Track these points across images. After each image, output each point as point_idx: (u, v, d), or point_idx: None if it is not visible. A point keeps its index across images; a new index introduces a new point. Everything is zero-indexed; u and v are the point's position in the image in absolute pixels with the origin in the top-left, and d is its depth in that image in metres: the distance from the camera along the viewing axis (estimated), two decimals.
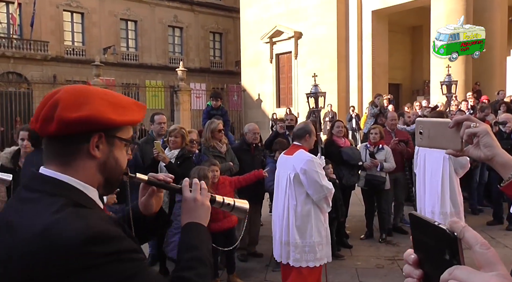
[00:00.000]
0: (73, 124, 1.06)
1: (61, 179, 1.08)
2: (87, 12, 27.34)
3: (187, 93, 18.68)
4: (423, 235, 0.66)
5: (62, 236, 0.94)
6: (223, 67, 33.05)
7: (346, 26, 20.03)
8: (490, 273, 0.57)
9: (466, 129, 1.13)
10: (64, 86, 1.16)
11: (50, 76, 24.26)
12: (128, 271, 0.99)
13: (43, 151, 1.14)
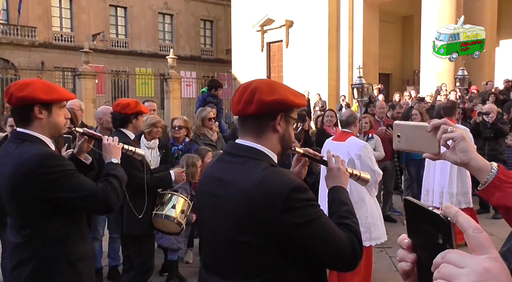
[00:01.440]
0: (268, 105, 1.45)
1: (257, 148, 1.49)
2: None
3: (177, 81, 18.55)
4: (417, 220, 0.67)
5: (275, 185, 1.35)
6: (213, 55, 32.85)
7: (337, 15, 19.97)
8: (482, 256, 0.58)
9: (443, 135, 1.15)
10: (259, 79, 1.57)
11: (38, 62, 23.93)
12: (314, 214, 1.37)
13: (239, 127, 1.57)
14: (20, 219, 2.06)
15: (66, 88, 24.54)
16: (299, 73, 20.54)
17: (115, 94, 23.25)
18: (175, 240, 4.48)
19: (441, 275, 0.58)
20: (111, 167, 2.24)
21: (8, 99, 2.05)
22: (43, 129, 2.07)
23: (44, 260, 2.04)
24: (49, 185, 1.98)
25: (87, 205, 2.11)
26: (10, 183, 2.00)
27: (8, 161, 2.01)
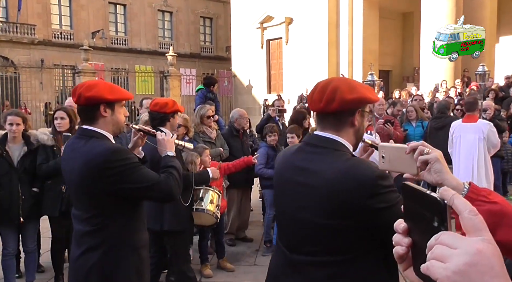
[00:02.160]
0: (349, 103, 1.58)
1: (338, 139, 1.62)
2: None
3: (177, 78, 18.55)
4: (414, 204, 0.68)
5: (362, 173, 1.49)
6: (213, 53, 32.81)
7: (337, 11, 19.95)
8: (476, 238, 0.58)
9: (419, 156, 1.24)
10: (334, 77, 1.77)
11: (37, 60, 23.92)
12: (394, 200, 1.47)
13: (319, 122, 1.69)
14: (89, 209, 2.22)
15: (66, 86, 24.58)
16: (299, 70, 20.52)
17: None
18: None
19: (434, 256, 0.59)
20: (169, 160, 2.42)
21: (76, 99, 2.22)
22: (107, 126, 2.25)
23: (111, 247, 2.21)
24: (117, 178, 2.13)
25: (151, 195, 2.29)
26: (81, 177, 2.16)
27: (78, 156, 2.18)
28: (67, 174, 2.29)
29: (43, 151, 4.03)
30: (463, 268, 0.56)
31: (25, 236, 4.21)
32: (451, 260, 0.57)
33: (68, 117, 4.16)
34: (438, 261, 0.59)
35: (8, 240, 4.11)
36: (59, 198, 4.05)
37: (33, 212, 4.07)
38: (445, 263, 0.57)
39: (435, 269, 0.58)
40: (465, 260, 0.56)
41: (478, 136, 5.60)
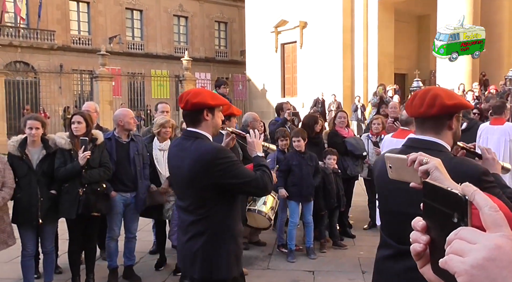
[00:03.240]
0: (448, 108, 1.78)
1: (439, 142, 1.81)
2: (93, 1, 27.31)
3: (192, 82, 18.69)
4: (434, 201, 0.68)
5: (468, 170, 1.69)
6: (228, 57, 32.97)
7: (352, 15, 19.89)
8: (496, 233, 0.59)
9: (419, 167, 1.26)
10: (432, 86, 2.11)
11: (56, 65, 24.36)
12: (497, 194, 1.54)
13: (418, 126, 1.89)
14: (195, 201, 2.53)
15: (84, 90, 24.97)
16: (314, 73, 20.50)
17: (131, 95, 23.53)
18: None
19: (453, 250, 0.60)
20: (260, 159, 2.65)
21: (183, 105, 2.54)
22: (208, 128, 2.55)
23: (214, 234, 2.49)
24: (222, 173, 2.42)
25: (249, 189, 2.61)
26: (190, 172, 2.46)
27: (186, 154, 2.50)
28: (174, 170, 2.68)
29: (60, 154, 4.12)
30: (481, 262, 0.56)
31: (43, 238, 4.31)
32: (470, 254, 0.57)
33: (84, 122, 4.25)
34: (456, 255, 0.59)
35: (27, 241, 4.22)
36: (76, 200, 4.13)
37: (51, 214, 4.16)
38: (463, 258, 0.58)
39: (453, 263, 0.59)
40: (484, 255, 0.56)
41: (505, 138, 5.81)
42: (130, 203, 4.61)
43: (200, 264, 2.49)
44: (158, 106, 5.71)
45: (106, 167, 4.23)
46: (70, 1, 26.71)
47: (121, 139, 4.52)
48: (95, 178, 4.19)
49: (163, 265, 5.11)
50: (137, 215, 4.79)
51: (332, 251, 5.68)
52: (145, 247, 5.67)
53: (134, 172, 4.50)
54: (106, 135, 4.49)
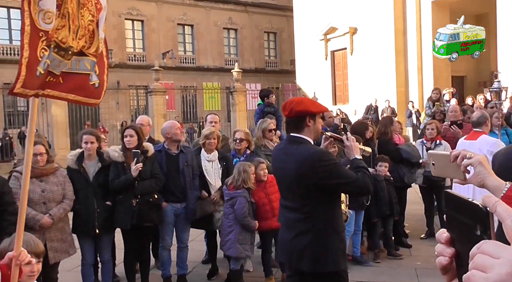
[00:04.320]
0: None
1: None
2: (147, 19, 28.46)
3: (242, 93, 18.91)
4: (456, 212, 0.66)
5: None
6: (278, 67, 33.12)
7: (403, 18, 19.37)
8: None
9: (462, 162, 1.30)
10: None
11: (114, 82, 25.49)
12: None
13: None
14: (300, 200, 2.75)
15: (139, 105, 25.97)
16: (366, 80, 20.11)
17: (184, 108, 24.18)
18: (243, 249, 4.56)
19: (475, 265, 0.57)
20: (359, 162, 2.81)
21: (288, 113, 2.80)
22: (310, 133, 2.79)
23: (319, 231, 2.70)
24: (326, 174, 2.64)
25: (352, 189, 2.82)
26: (297, 173, 2.70)
27: (292, 157, 2.75)
28: (279, 171, 2.93)
29: (114, 167, 4.29)
30: (505, 278, 0.53)
31: (100, 247, 4.49)
32: (493, 270, 0.55)
33: (136, 135, 4.41)
34: (479, 271, 0.56)
35: (86, 250, 4.41)
36: (130, 211, 4.27)
37: (107, 225, 4.33)
38: (486, 273, 0.55)
39: (476, 279, 0.56)
40: (508, 270, 0.53)
41: None
42: (181, 213, 4.70)
43: (309, 259, 2.70)
44: (207, 117, 5.82)
45: (158, 178, 4.35)
46: (125, 20, 27.99)
47: (171, 151, 4.64)
48: (147, 189, 4.32)
49: (215, 274, 5.15)
50: (188, 225, 4.88)
51: (387, 262, 5.49)
52: (197, 257, 5.74)
53: (184, 183, 4.59)
54: (156, 148, 4.63)
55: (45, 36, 2.24)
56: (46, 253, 3.88)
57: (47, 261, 3.91)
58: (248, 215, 4.52)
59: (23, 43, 2.13)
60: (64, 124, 15.85)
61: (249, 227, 4.56)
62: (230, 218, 4.53)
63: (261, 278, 4.92)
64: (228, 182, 4.60)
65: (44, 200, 3.94)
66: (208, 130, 4.95)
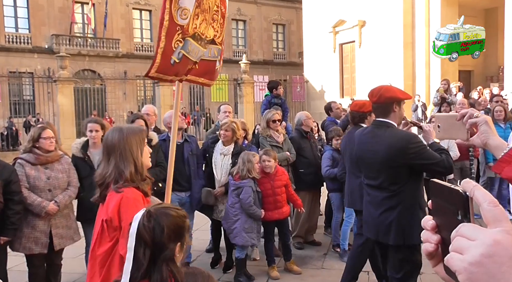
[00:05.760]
0: None
1: None
2: (155, 9, 28.40)
3: (250, 85, 18.89)
4: (440, 199, 0.68)
5: None
6: (286, 59, 33.00)
7: (412, 12, 19.18)
8: (495, 229, 0.58)
9: (469, 120, 1.31)
10: None
11: (121, 72, 25.58)
12: None
13: None
14: (388, 179, 3.01)
15: (147, 95, 26.04)
16: (373, 73, 19.98)
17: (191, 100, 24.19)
18: (249, 238, 4.60)
19: (454, 248, 0.59)
20: (437, 145, 3.03)
21: (377, 99, 3.05)
22: (395, 118, 3.04)
23: (405, 207, 2.97)
24: (415, 155, 2.90)
25: (438, 169, 2.98)
26: (387, 154, 2.99)
27: (381, 140, 3.05)
28: (366, 153, 3.19)
29: None
30: (479, 259, 0.56)
31: None
32: (468, 251, 0.57)
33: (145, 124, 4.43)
34: (457, 253, 0.59)
35: (90, 238, 4.44)
36: None
37: None
38: (463, 255, 0.57)
39: (453, 261, 0.58)
40: (482, 251, 0.56)
41: None
42: (185, 202, 4.73)
43: (395, 233, 2.98)
44: (221, 107, 5.82)
45: (162, 167, 4.37)
46: (133, 10, 27.97)
47: None
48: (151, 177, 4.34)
49: (219, 262, 5.19)
50: (192, 214, 4.91)
51: None
52: (202, 246, 5.80)
53: (188, 172, 4.61)
54: (161, 137, 4.65)
55: (180, 30, 2.65)
56: (51, 239, 3.95)
57: (52, 247, 3.97)
58: (254, 204, 4.55)
59: (161, 35, 2.65)
60: (70, 113, 15.93)
61: (255, 215, 4.59)
62: (236, 207, 4.56)
63: (264, 266, 4.96)
64: (234, 172, 4.62)
65: (50, 187, 3.98)
66: (225, 119, 4.90)
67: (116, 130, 2.42)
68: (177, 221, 1.81)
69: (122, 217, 2.15)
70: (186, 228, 1.87)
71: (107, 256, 2.20)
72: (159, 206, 1.91)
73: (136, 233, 1.74)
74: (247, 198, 4.49)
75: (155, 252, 1.73)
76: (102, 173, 2.36)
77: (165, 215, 1.78)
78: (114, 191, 2.27)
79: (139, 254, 1.72)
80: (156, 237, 1.73)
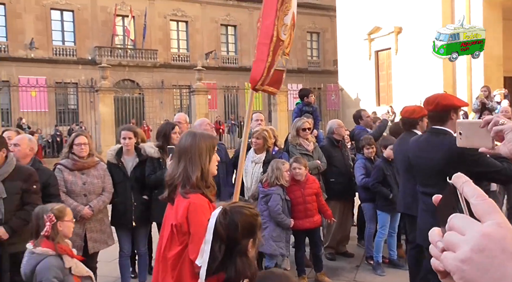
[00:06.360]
0: None
1: None
2: (191, 20, 29.01)
3: (284, 94, 18.91)
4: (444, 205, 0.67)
5: None
6: (320, 67, 32.84)
7: (452, 17, 18.68)
8: (486, 222, 0.55)
9: (494, 127, 1.22)
10: None
11: (158, 82, 26.17)
12: None
13: None
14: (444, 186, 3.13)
15: (183, 104, 26.51)
16: (411, 80, 19.57)
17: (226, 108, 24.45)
18: (277, 246, 4.56)
19: (446, 244, 0.57)
20: None
21: (433, 107, 3.08)
22: (452, 126, 2.97)
23: None
24: (475, 163, 2.86)
25: (499, 177, 2.99)
26: (445, 161, 2.99)
27: (438, 147, 3.07)
28: (421, 160, 3.23)
29: (150, 162, 4.41)
30: (469, 255, 0.53)
31: (137, 240, 4.62)
32: (459, 248, 0.55)
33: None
34: (449, 250, 0.56)
35: (123, 242, 4.56)
36: (165, 206, 4.36)
37: (143, 218, 4.46)
38: (455, 252, 0.55)
39: (446, 260, 0.56)
40: (471, 246, 0.53)
41: None
42: None
43: None
44: (253, 116, 5.85)
45: None
46: (170, 21, 28.65)
47: None
48: None
49: None
50: None
51: None
52: None
53: (217, 180, 4.62)
54: None
55: (281, 45, 2.94)
56: (86, 243, 4.07)
57: (86, 251, 4.09)
58: (283, 213, 4.53)
59: (269, 50, 2.95)
60: (110, 122, 16.43)
61: (284, 224, 4.55)
62: (264, 215, 4.55)
63: (295, 277, 4.91)
64: (263, 180, 4.62)
65: (85, 192, 4.11)
66: (256, 127, 4.91)
67: (190, 134, 2.51)
68: (250, 219, 1.97)
69: (191, 223, 2.27)
70: (258, 226, 2.02)
71: (178, 259, 2.32)
72: (234, 204, 2.08)
73: (213, 229, 1.91)
74: (275, 206, 4.47)
75: (230, 247, 1.91)
76: (171, 174, 2.44)
77: (239, 213, 1.94)
78: (181, 195, 2.37)
79: (215, 248, 1.90)
80: (230, 233, 1.90)
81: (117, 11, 26.41)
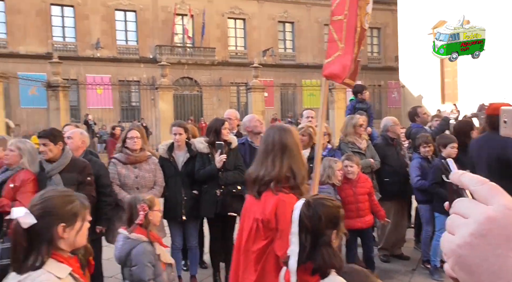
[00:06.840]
0: None
1: None
2: (248, 18, 29.20)
3: (342, 91, 18.53)
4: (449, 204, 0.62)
5: None
6: (381, 63, 31.89)
7: None
8: (493, 205, 0.48)
9: None
10: None
11: (216, 79, 26.61)
12: None
13: None
14: None
15: (240, 101, 26.79)
16: (478, 76, 18.49)
17: (283, 106, 24.42)
18: None
19: (448, 228, 0.52)
20: None
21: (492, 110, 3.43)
22: None
23: None
24: None
25: None
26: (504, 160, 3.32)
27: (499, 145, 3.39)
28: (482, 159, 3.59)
29: (200, 158, 4.46)
30: (468, 239, 0.47)
31: (187, 234, 4.70)
32: (458, 231, 0.49)
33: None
34: (449, 233, 0.51)
35: (174, 235, 4.65)
36: (214, 201, 4.41)
37: (193, 212, 4.52)
38: (454, 235, 0.49)
39: (444, 243, 0.51)
40: (471, 230, 0.47)
41: None
42: None
43: None
44: (304, 113, 5.81)
45: (240, 170, 4.43)
46: (228, 19, 29.02)
47: (254, 144, 4.69)
48: (230, 180, 4.42)
49: None
50: None
51: None
52: None
53: None
54: (240, 140, 4.72)
55: (364, 34, 2.94)
56: None
57: None
58: None
59: (354, 40, 2.90)
60: (170, 118, 16.90)
61: None
62: None
63: None
64: None
65: (137, 185, 4.24)
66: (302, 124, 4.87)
67: (283, 130, 2.53)
68: (332, 211, 2.03)
69: (279, 220, 2.29)
70: (341, 217, 2.07)
71: (262, 253, 2.36)
72: (316, 196, 2.15)
73: (298, 220, 1.97)
74: None
75: (315, 238, 1.97)
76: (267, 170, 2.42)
77: (321, 205, 2.01)
78: (272, 191, 2.37)
79: (301, 239, 1.97)
80: (314, 224, 1.97)
81: (176, 10, 27.13)
